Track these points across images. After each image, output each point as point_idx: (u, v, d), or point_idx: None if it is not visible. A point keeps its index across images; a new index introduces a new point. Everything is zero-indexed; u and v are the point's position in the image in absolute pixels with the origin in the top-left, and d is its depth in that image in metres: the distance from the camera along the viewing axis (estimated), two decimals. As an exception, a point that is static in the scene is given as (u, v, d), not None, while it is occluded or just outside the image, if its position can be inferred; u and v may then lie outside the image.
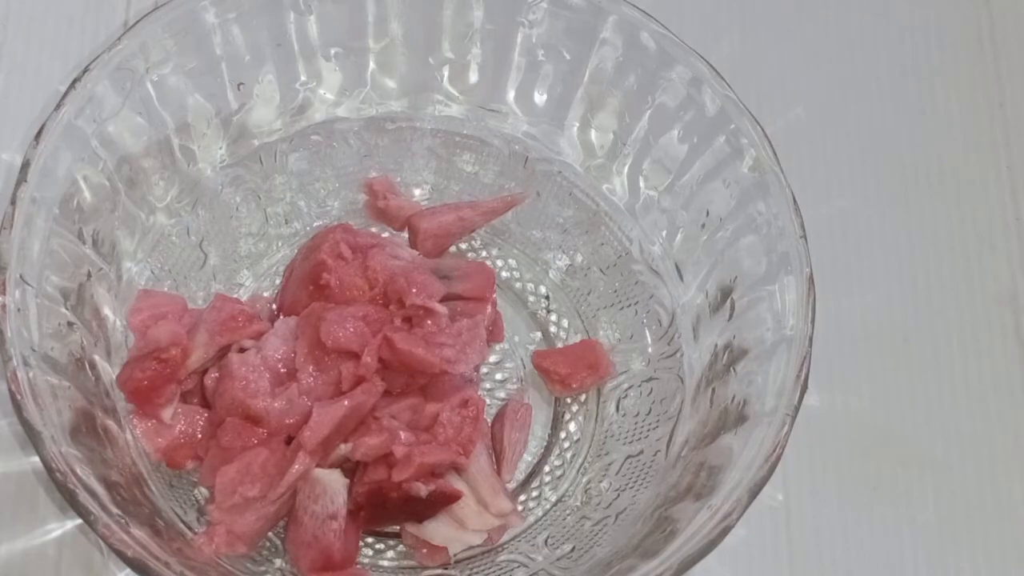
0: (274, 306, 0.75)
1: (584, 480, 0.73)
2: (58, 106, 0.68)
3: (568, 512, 0.72)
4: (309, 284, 0.72)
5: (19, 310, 0.64)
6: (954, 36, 0.89)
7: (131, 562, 0.61)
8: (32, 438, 0.62)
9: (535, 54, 0.76)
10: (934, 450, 0.76)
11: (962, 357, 0.79)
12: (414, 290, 0.70)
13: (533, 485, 0.73)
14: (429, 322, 0.70)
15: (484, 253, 0.79)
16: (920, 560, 0.74)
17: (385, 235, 0.77)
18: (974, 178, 0.85)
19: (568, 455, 0.74)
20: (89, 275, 0.70)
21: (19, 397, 0.62)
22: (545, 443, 0.74)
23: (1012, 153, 0.85)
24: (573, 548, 0.70)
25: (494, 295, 0.74)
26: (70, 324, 0.67)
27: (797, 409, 0.65)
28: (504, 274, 0.78)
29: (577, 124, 0.76)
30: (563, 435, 0.74)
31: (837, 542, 0.74)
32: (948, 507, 0.75)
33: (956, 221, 0.83)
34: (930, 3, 0.89)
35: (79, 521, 0.68)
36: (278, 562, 0.69)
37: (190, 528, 0.68)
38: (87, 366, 0.68)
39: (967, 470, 0.76)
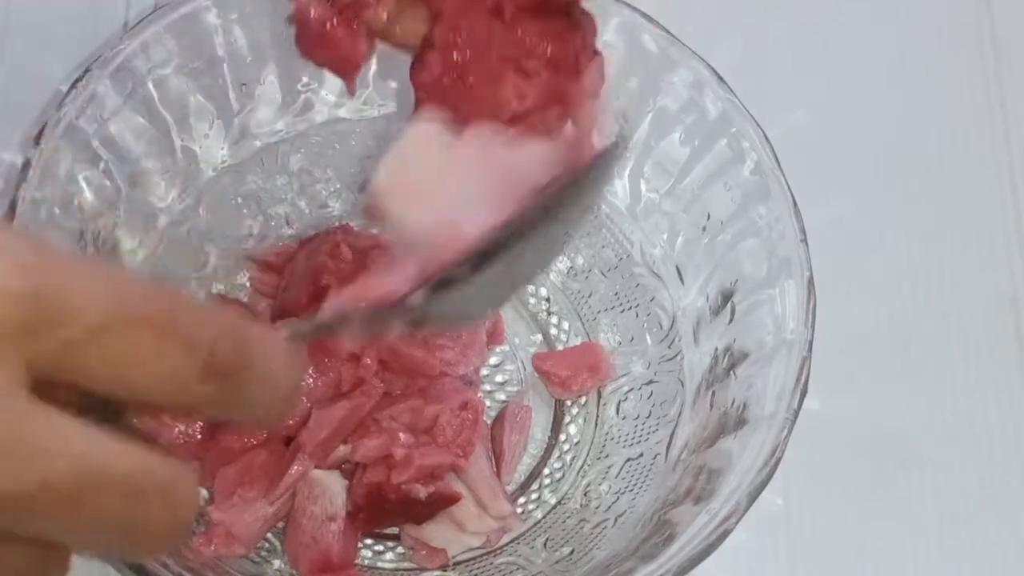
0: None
1: (584, 483, 0.73)
2: (59, 106, 0.68)
3: (567, 515, 0.72)
4: (309, 285, 0.72)
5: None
6: (954, 36, 0.88)
7: (128, 562, 0.61)
8: (32, 438, 0.62)
9: (536, 55, 0.75)
10: (934, 453, 0.76)
11: (962, 358, 0.79)
12: (415, 292, 0.70)
13: (532, 487, 0.73)
14: (429, 324, 0.70)
15: (485, 254, 0.78)
16: (920, 563, 0.74)
17: (386, 236, 0.77)
18: (974, 178, 0.84)
19: (568, 458, 0.74)
20: (90, 275, 0.69)
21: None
22: (545, 445, 0.74)
23: (1012, 153, 0.85)
24: (572, 551, 0.70)
25: (494, 297, 0.74)
26: (70, 324, 0.67)
27: (797, 413, 0.65)
28: (504, 276, 0.78)
29: (578, 126, 0.76)
30: (563, 438, 0.74)
31: (837, 546, 0.73)
32: (948, 510, 0.75)
33: (956, 221, 0.83)
34: (930, 3, 0.89)
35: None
36: (277, 563, 0.69)
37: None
38: (87, 366, 0.68)
39: (967, 472, 0.76)
